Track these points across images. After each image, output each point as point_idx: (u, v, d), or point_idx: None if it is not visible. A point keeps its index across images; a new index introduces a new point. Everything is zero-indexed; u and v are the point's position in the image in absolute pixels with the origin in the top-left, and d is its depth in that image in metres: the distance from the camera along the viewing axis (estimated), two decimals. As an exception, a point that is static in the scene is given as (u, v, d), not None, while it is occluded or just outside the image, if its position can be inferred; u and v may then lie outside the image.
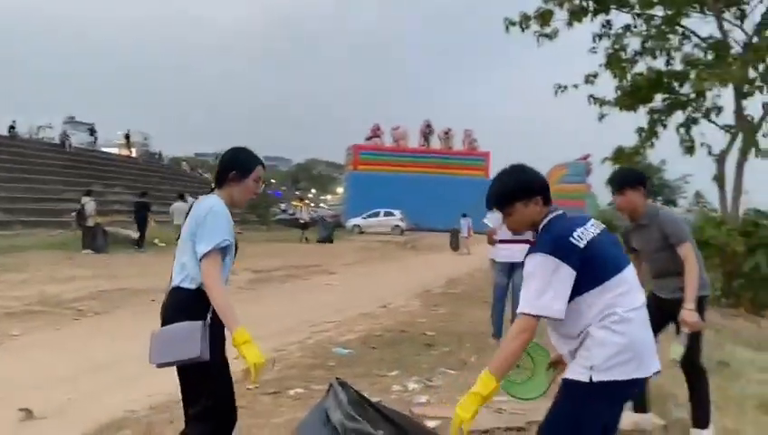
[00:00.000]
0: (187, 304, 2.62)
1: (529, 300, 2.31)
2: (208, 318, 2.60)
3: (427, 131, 46.92)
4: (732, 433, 4.28)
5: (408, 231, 36.41)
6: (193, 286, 2.63)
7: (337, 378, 2.74)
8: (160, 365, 2.64)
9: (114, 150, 45.25)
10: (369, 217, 38.15)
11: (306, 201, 43.43)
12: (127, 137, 46.69)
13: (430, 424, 4.01)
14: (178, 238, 2.76)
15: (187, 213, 2.82)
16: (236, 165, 2.82)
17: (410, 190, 40.39)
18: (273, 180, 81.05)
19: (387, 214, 37.55)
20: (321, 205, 66.00)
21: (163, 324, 2.69)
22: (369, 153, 45.22)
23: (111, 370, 5.79)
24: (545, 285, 2.26)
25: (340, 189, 63.00)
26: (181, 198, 21.19)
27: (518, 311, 2.35)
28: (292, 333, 7.46)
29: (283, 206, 45.44)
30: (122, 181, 33.26)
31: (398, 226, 36.72)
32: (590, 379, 2.21)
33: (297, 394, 4.90)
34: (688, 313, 3.66)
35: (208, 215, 2.63)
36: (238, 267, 14.34)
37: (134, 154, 46.36)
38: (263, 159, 3.01)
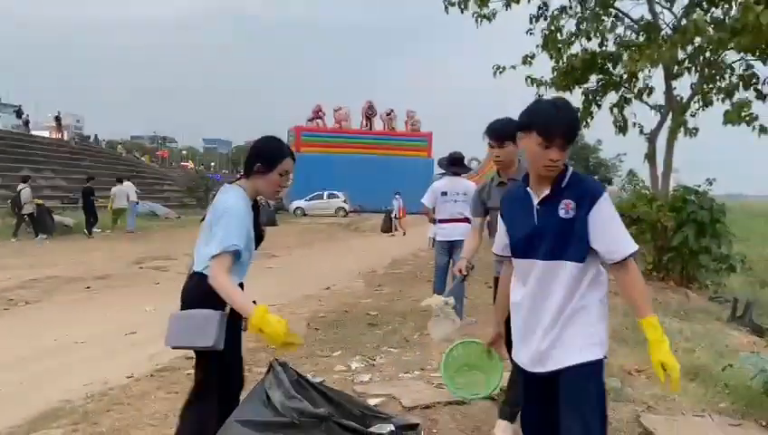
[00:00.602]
0: (206, 290, 2.58)
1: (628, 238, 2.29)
2: (227, 309, 2.60)
3: (369, 113, 46.78)
4: (661, 400, 4.48)
5: (352, 213, 36.43)
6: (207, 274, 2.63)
7: (276, 359, 2.72)
8: (175, 348, 2.71)
9: (44, 133, 43.28)
10: (313, 199, 37.91)
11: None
12: (57, 119, 44.67)
13: (372, 402, 4.04)
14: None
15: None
16: (262, 157, 2.76)
17: (353, 172, 40.29)
18: (212, 163, 79.44)
19: (330, 196, 37.42)
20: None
21: (183, 307, 2.73)
22: (311, 135, 44.79)
23: (44, 360, 5.59)
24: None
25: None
26: (120, 181, 20.93)
27: (628, 252, 2.26)
28: (234, 316, 7.37)
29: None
30: (53, 166, 31.90)
31: (341, 208, 36.66)
32: (605, 356, 2.29)
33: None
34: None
35: (224, 215, 2.62)
36: (178, 252, 14.09)
37: (66, 137, 44.45)
38: (202, 141, 2.92)
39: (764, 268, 14.74)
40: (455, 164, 6.90)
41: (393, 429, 2.56)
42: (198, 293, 2.64)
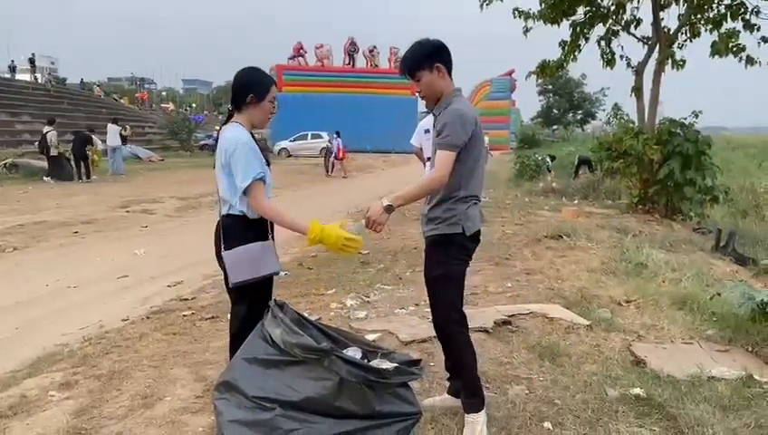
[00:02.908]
0: (239, 228, 2.75)
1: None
2: (271, 237, 2.83)
3: (351, 50, 45.76)
4: (651, 328, 4.60)
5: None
6: (237, 213, 2.76)
7: (274, 299, 2.73)
8: (238, 284, 2.73)
9: (19, 77, 41.92)
10: (297, 139, 37.46)
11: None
12: (32, 61, 43.21)
13: (369, 338, 4.10)
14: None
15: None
16: (253, 87, 2.82)
17: (337, 111, 39.74)
18: (193, 104, 77.85)
19: (314, 136, 36.97)
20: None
21: (220, 247, 2.79)
22: (293, 74, 43.87)
23: (38, 306, 5.59)
24: None
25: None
26: (114, 122, 21.62)
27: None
28: (225, 258, 7.38)
29: (215, 133, 44.01)
30: (31, 110, 31.07)
31: (326, 147, 36.34)
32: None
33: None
34: (376, 207, 2.76)
35: (237, 148, 2.70)
36: (164, 195, 13.97)
37: (41, 80, 43.14)
38: (181, 82, 2.90)
39: (745, 199, 14.95)
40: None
41: (397, 365, 2.59)
42: (240, 230, 2.75)
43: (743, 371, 3.70)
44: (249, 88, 2.80)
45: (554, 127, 56.47)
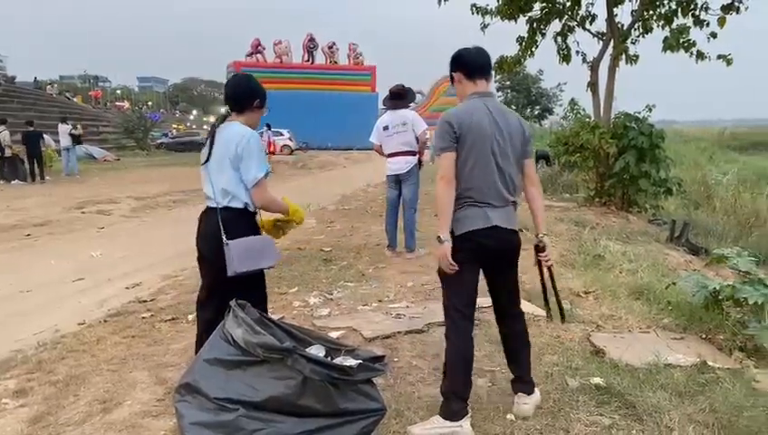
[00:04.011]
0: (239, 221, 3.01)
1: None
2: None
3: (310, 46, 45.50)
4: (609, 319, 4.70)
5: (298, 150, 35.90)
6: (241, 206, 3.02)
7: (236, 299, 2.70)
8: (241, 273, 2.94)
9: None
10: (256, 137, 37.06)
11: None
12: (-23, 59, 41.76)
13: (333, 335, 4.09)
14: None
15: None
16: (260, 93, 3.19)
17: (297, 108, 39.47)
18: (149, 102, 76.32)
19: (275, 134, 36.65)
20: (205, 127, 62.94)
21: (212, 239, 2.99)
22: (251, 70, 43.25)
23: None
24: None
25: (223, 110, 60.18)
26: (63, 121, 20.96)
27: None
28: (185, 258, 7.21)
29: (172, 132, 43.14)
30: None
31: (286, 145, 36.03)
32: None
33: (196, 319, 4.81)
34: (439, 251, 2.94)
35: (251, 142, 2.98)
36: (120, 195, 13.66)
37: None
38: (136, 80, 2.99)
39: (697, 191, 15.38)
40: (393, 98, 6.82)
41: (361, 362, 2.59)
42: (242, 223, 3.01)
43: (697, 357, 3.82)
44: (257, 94, 3.15)
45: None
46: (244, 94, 3.14)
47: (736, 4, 10.49)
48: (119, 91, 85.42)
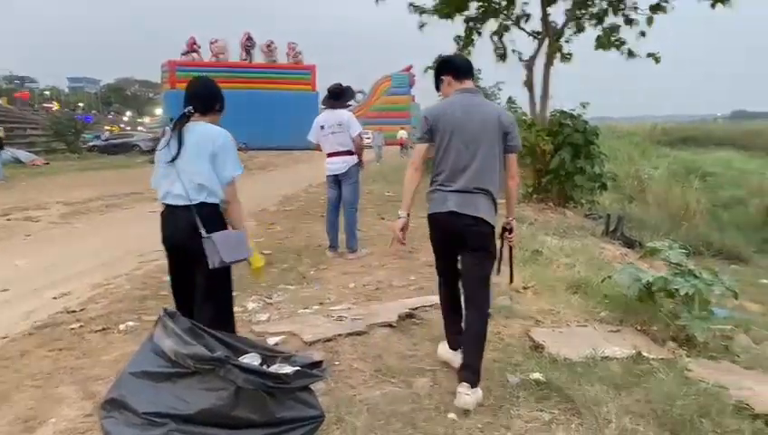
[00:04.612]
0: (217, 215, 3.14)
1: None
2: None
3: (248, 45, 44.77)
4: (548, 313, 4.75)
5: (238, 151, 35.14)
6: (217, 201, 3.13)
7: (165, 308, 2.58)
8: (226, 264, 3.05)
9: None
10: (194, 138, 36.16)
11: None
12: None
13: (272, 341, 3.99)
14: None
15: None
16: (222, 98, 3.40)
17: (236, 108, 38.53)
18: (80, 104, 73.56)
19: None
20: (140, 128, 61.13)
21: (208, 230, 3.02)
22: (187, 70, 42.13)
23: None
24: None
25: (159, 111, 58.65)
26: None
27: None
28: (118, 264, 6.98)
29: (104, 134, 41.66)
30: None
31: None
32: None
33: (128, 328, 4.63)
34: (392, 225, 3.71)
35: (227, 141, 3.16)
36: (49, 201, 13.08)
37: None
38: (66, 81, 2.87)
39: (631, 185, 15.94)
40: (330, 97, 6.76)
41: (298, 368, 2.51)
42: (218, 218, 3.12)
43: (633, 349, 3.90)
44: (219, 98, 3.36)
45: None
46: (210, 96, 3.29)
47: (663, 4, 10.90)
48: (47, 92, 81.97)
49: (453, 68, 3.44)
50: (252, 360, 2.55)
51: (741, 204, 17.88)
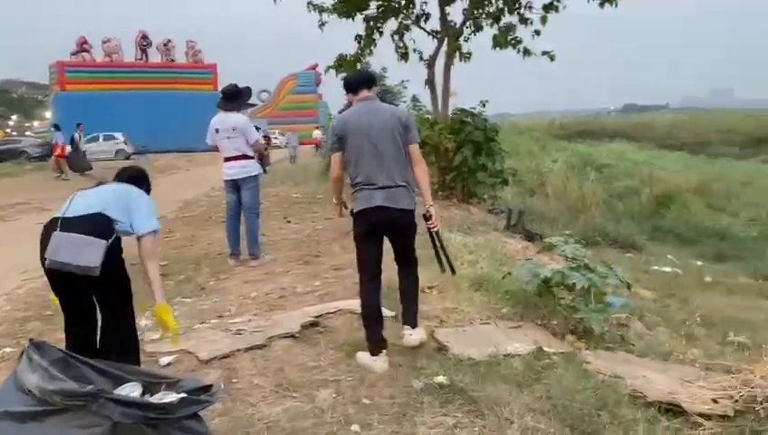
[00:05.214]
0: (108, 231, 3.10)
1: None
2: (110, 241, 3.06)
3: (143, 44, 42.88)
4: (452, 312, 4.75)
5: (136, 155, 33.63)
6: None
7: (31, 339, 2.32)
8: (56, 264, 2.92)
9: None
10: (87, 143, 34.25)
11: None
12: None
13: (165, 360, 3.76)
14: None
15: None
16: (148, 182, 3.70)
17: (132, 110, 37.03)
18: (-41, 108, 68.15)
19: (107, 138, 34.14)
20: (27, 133, 57.11)
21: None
22: (78, 70, 40.02)
23: None
24: None
25: (48, 114, 54.93)
26: None
27: None
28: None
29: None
30: None
31: (122, 150, 33.68)
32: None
33: (5, 355, 4.25)
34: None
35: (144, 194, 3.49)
36: None
37: None
38: None
39: (531, 180, 16.47)
40: (225, 99, 6.49)
41: (184, 395, 2.32)
42: (108, 230, 3.06)
43: (534, 345, 3.95)
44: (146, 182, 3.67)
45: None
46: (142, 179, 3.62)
47: (555, 3, 11.30)
48: None
49: (347, 87, 3.94)
50: (131, 390, 2.34)
51: (634, 194, 18.88)
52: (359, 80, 3.94)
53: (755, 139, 37.27)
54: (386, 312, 4.61)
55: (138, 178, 3.56)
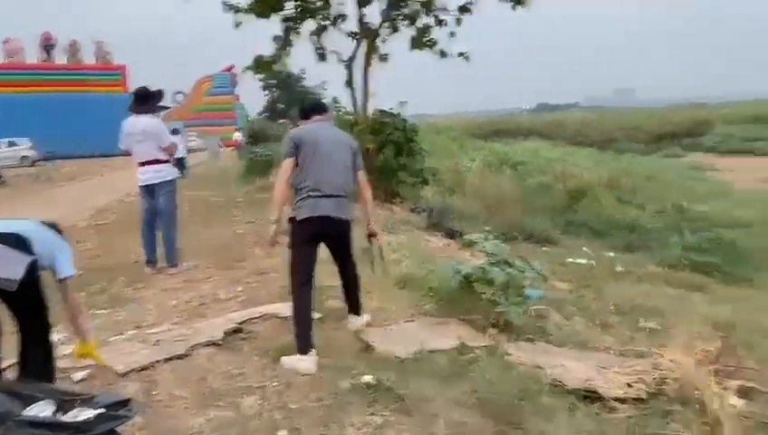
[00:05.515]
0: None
1: None
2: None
3: (48, 45, 40.70)
4: (378, 312, 4.77)
5: (42, 161, 31.88)
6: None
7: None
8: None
9: None
10: (-12, 148, 32.24)
11: None
12: None
13: (79, 376, 3.59)
14: None
15: None
16: None
17: (38, 114, 35.08)
18: None
19: (10, 144, 32.21)
20: None
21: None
22: (-25, 73, 37.63)
23: None
24: None
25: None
26: None
27: None
28: None
29: None
30: None
31: (26, 156, 31.86)
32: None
33: None
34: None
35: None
36: None
37: None
38: None
39: (451, 178, 16.73)
40: (136, 101, 6.26)
41: (101, 411, 2.22)
42: (29, 250, 2.88)
43: (457, 340, 4.03)
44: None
45: (281, 121, 57.21)
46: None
47: (468, 6, 11.56)
48: None
49: (300, 113, 4.34)
50: (43, 409, 2.21)
51: (548, 190, 19.53)
52: (310, 107, 4.34)
53: (657, 136, 39.57)
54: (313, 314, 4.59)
55: (53, 226, 3.32)
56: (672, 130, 40.64)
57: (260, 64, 12.31)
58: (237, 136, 32.68)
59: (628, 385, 3.39)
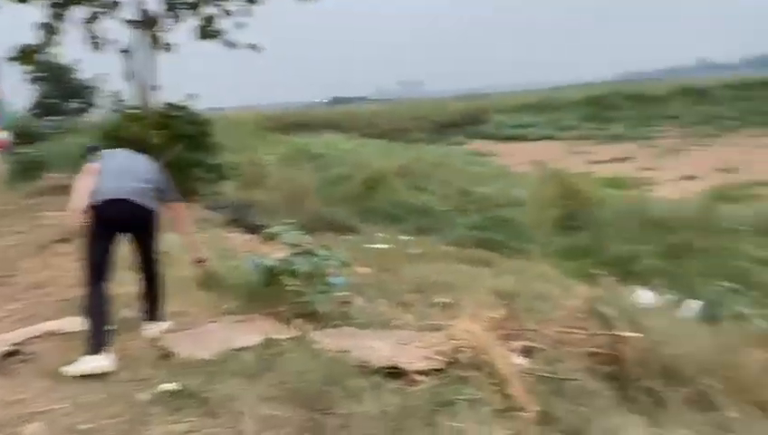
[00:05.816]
0: None
1: None
2: None
3: None
4: (179, 316, 4.53)
5: None
6: None
7: None
8: None
9: None
10: None
11: None
12: None
13: None
14: None
15: None
16: None
17: None
18: None
19: None
20: None
21: None
22: None
23: None
24: None
25: None
26: None
27: None
28: None
29: None
30: None
31: None
32: None
33: None
34: None
35: None
36: None
37: None
38: None
39: (251, 173, 16.43)
40: None
41: None
42: None
43: (263, 335, 3.96)
44: None
45: (53, 118, 51.60)
46: None
47: (255, -3, 11.38)
48: None
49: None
50: None
51: (346, 180, 20.03)
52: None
53: (442, 125, 42.61)
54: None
55: None
56: (456, 120, 43.85)
57: (26, 55, 10.98)
58: (3, 136, 28.93)
59: (428, 358, 3.59)
